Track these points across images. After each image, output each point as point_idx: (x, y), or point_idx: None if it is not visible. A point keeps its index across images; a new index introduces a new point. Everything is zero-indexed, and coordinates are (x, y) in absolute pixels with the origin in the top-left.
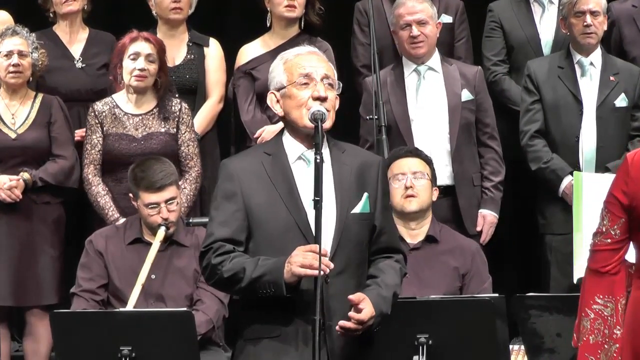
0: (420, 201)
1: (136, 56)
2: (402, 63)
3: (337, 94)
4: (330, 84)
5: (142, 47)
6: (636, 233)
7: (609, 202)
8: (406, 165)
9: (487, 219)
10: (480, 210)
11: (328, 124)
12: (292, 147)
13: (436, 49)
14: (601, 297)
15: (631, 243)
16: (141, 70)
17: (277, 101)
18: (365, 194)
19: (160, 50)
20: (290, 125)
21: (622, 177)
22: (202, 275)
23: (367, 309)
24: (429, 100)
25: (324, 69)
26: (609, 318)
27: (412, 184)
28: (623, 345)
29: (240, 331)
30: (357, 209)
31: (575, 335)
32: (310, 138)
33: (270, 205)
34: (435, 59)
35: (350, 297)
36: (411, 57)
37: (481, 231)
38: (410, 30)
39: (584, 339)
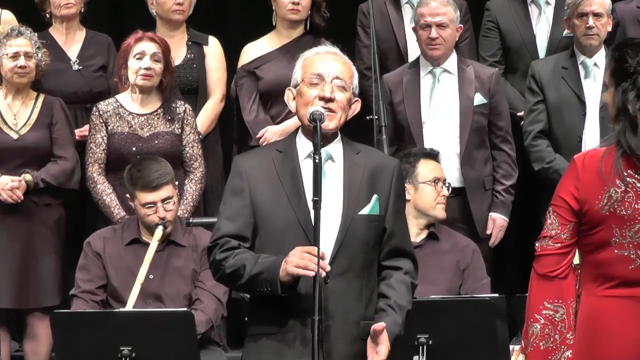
0: None
1: (142, 55)
2: (419, 63)
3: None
4: (341, 86)
5: (148, 46)
6: (584, 237)
7: (558, 206)
8: None
9: (497, 222)
10: (490, 214)
11: (331, 125)
12: (303, 145)
13: (454, 50)
14: (551, 301)
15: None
16: (147, 69)
17: (294, 98)
18: (375, 196)
19: (166, 50)
20: (302, 124)
21: (572, 181)
22: (210, 270)
23: (384, 345)
24: (442, 102)
25: (338, 70)
26: (560, 323)
27: None
28: (575, 353)
29: (247, 327)
30: (365, 211)
31: (523, 341)
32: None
33: (275, 202)
34: (452, 61)
35: (374, 326)
36: (428, 58)
37: (491, 234)
38: (429, 32)
39: (534, 345)
